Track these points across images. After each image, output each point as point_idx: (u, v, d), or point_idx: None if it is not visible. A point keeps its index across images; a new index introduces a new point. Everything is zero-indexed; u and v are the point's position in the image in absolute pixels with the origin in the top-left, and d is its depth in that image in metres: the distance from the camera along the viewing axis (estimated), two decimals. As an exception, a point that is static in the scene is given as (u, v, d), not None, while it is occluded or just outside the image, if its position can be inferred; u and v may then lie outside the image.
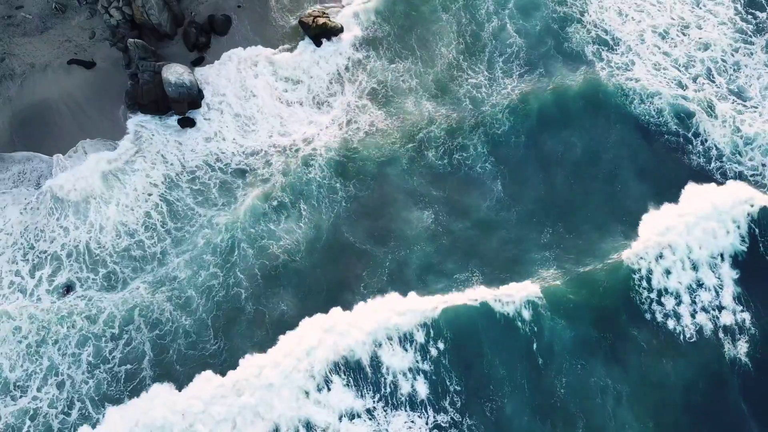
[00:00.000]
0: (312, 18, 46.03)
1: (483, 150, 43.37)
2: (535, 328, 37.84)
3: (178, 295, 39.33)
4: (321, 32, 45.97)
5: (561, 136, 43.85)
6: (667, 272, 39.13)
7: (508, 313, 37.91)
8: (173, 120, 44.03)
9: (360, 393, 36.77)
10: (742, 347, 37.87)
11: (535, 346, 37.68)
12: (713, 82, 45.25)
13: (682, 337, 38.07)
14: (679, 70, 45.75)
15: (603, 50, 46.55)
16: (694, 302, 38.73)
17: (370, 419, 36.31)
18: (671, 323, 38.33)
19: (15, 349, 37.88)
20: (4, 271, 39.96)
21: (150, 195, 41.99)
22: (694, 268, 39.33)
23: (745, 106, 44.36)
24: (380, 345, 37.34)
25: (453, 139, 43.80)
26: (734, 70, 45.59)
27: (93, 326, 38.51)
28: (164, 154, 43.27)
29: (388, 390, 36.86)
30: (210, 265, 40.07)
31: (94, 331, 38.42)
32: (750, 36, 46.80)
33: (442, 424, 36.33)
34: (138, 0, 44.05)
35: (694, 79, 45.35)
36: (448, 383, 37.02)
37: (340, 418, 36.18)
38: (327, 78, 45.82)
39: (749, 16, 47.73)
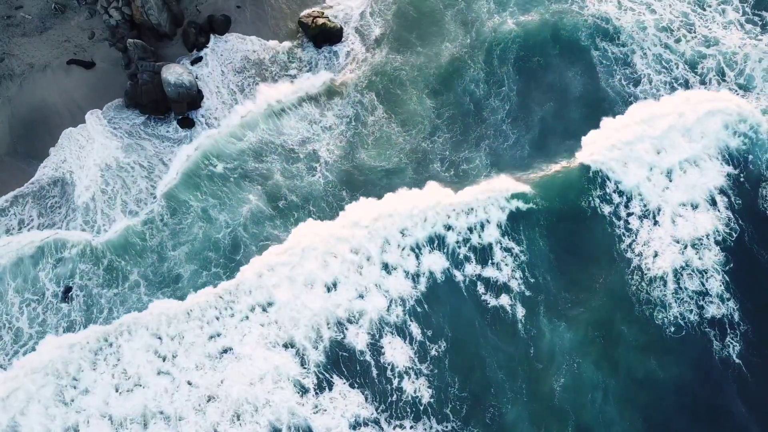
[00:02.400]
0: (311, 18, 45.99)
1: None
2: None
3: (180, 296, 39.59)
4: (320, 32, 45.93)
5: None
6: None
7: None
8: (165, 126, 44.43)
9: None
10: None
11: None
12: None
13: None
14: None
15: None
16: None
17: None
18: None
19: None
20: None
21: (152, 193, 42.18)
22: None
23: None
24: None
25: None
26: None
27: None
28: (159, 153, 43.53)
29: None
30: (212, 264, 40.22)
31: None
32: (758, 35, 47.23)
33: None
34: (137, 0, 44.04)
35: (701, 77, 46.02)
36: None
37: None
38: (326, 81, 45.71)
39: (755, 17, 48.10)
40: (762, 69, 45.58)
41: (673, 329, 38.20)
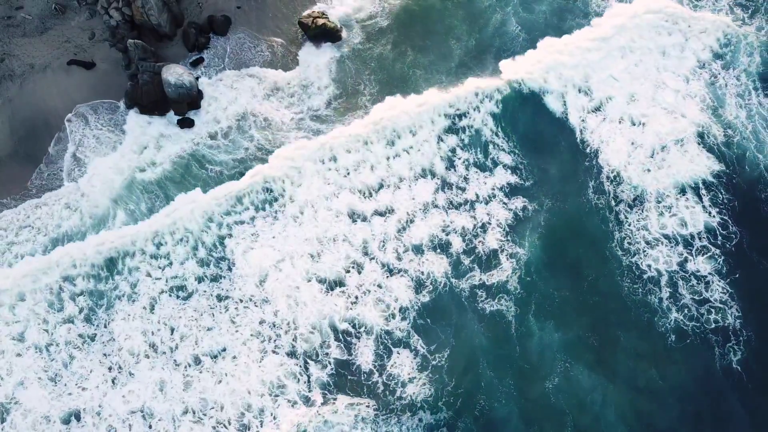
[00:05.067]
0: (311, 19, 46.04)
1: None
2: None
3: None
4: (320, 33, 45.96)
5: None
6: None
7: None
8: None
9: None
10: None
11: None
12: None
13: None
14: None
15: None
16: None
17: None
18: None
19: None
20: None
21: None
22: None
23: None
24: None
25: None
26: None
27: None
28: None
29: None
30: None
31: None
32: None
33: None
34: (138, 1, 44.12)
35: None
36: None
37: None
38: (328, 85, 45.61)
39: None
40: None
41: (674, 337, 38.07)
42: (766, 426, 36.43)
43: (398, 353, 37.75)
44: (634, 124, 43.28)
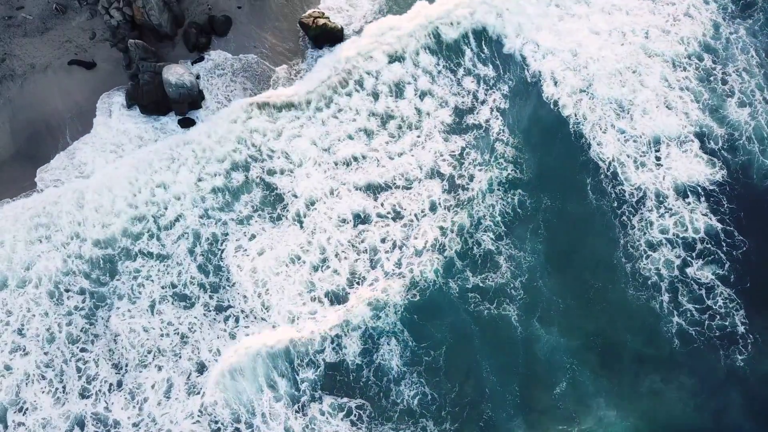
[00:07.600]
0: (312, 19, 45.70)
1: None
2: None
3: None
4: (321, 33, 45.60)
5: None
6: None
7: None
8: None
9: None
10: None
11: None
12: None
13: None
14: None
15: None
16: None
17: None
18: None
19: None
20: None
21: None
22: None
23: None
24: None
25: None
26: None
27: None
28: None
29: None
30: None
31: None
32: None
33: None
34: (138, 1, 44.01)
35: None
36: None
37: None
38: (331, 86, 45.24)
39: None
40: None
41: (678, 342, 37.56)
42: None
43: (403, 369, 37.46)
44: (624, 110, 42.57)
